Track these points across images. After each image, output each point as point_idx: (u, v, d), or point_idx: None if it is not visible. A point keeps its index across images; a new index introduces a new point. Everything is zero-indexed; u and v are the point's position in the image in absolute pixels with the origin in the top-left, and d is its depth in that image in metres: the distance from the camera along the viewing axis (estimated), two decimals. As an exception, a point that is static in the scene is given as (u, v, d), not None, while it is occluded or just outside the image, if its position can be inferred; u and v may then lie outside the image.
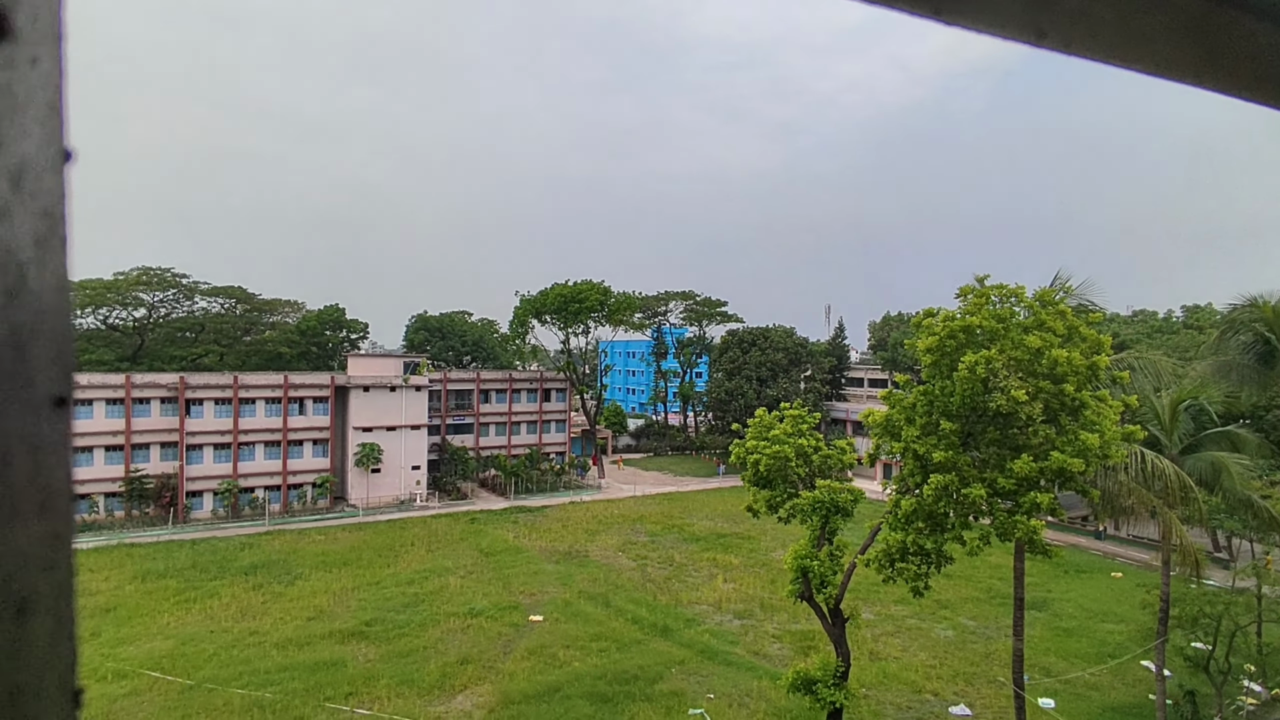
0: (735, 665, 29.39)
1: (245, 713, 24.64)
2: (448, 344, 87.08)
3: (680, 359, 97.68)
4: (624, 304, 72.19)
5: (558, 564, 42.62)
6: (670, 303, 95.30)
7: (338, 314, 78.84)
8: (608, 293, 70.32)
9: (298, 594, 36.56)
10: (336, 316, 78.60)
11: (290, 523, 52.23)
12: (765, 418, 23.62)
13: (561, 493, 64.29)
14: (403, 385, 59.81)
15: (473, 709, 25.36)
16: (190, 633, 31.51)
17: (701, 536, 49.36)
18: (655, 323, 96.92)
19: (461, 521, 52.67)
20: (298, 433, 57.02)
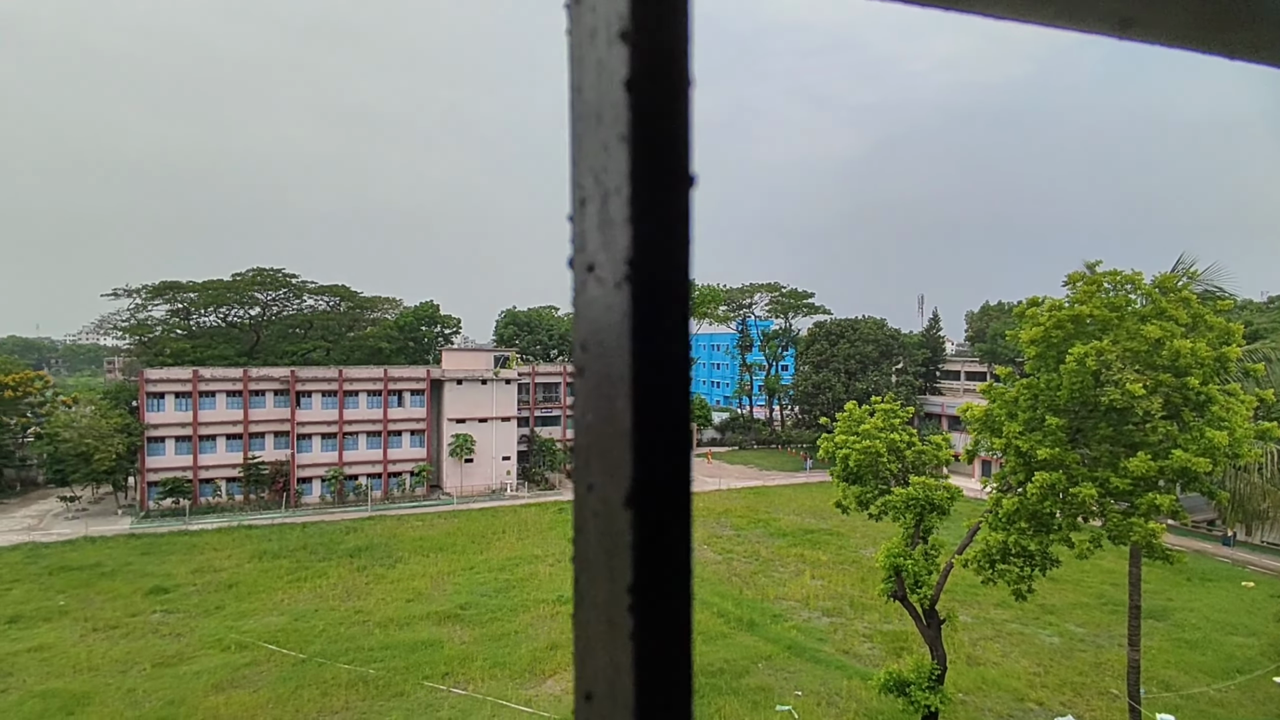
0: (823, 663, 28.84)
1: (351, 687, 26.14)
2: (535, 338, 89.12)
3: (766, 352, 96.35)
4: (708, 297, 71.81)
5: (643, 555, 42.93)
6: (755, 295, 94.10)
7: (432, 310, 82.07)
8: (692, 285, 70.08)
9: (398, 577, 38.42)
10: (431, 313, 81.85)
11: (390, 509, 54.92)
12: (855, 412, 22.99)
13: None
14: (493, 378, 61.70)
15: (561, 694, 25.96)
16: (301, 610, 33.67)
17: (788, 532, 48.64)
18: (740, 315, 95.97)
19: (550, 511, 53.89)
20: (397, 424, 59.82)
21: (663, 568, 0.59)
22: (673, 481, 0.60)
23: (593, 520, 0.63)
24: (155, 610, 33.76)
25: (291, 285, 75.81)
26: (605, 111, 0.61)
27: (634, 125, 0.58)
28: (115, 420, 53.05)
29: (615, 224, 0.61)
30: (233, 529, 48.30)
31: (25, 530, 48.47)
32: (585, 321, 0.64)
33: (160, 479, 53.71)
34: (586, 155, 0.63)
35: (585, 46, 0.63)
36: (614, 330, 0.61)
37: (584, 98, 0.63)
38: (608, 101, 0.60)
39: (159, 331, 74.00)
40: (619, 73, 0.59)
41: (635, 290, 0.59)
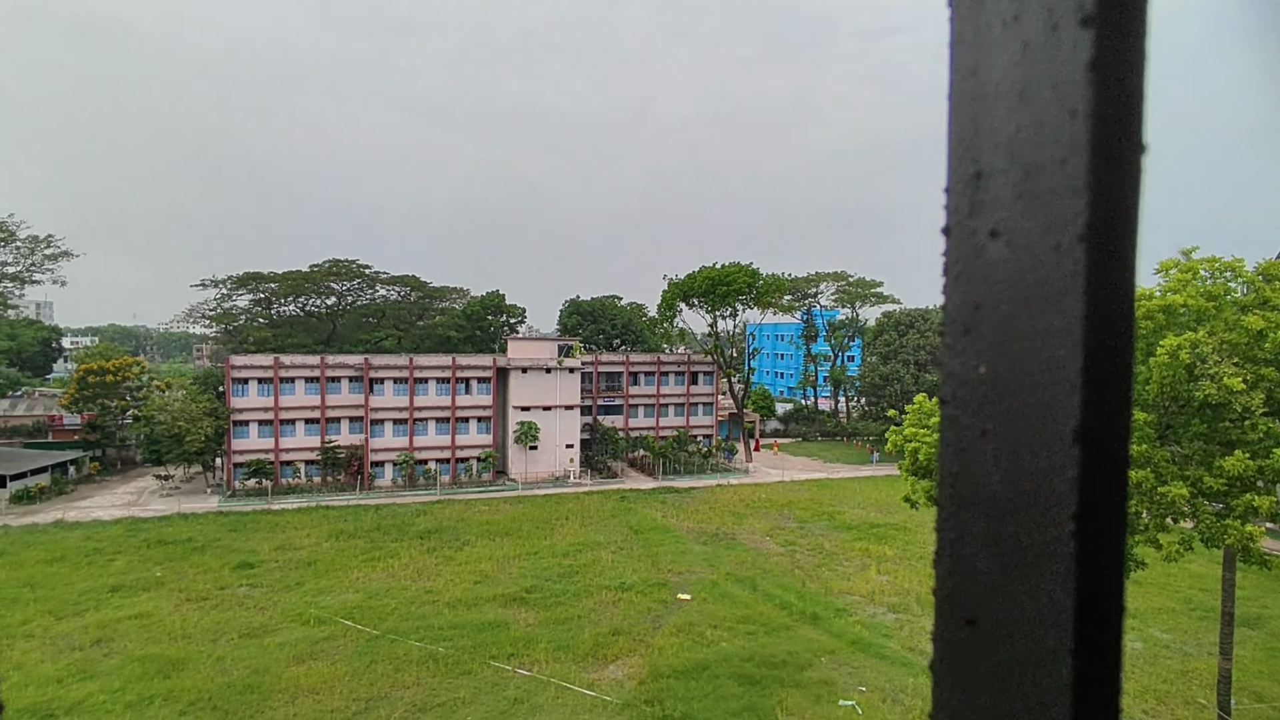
0: (889, 659, 28.34)
1: (421, 664, 27.15)
2: (599, 327, 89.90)
3: (831, 342, 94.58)
4: (773, 286, 70.87)
5: (705, 545, 43.01)
6: (821, 284, 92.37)
7: (498, 300, 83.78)
8: (756, 275, 69.36)
9: (466, 559, 39.60)
10: (497, 302, 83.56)
11: (458, 493, 56.54)
12: (926, 404, 22.40)
13: (708, 475, 64.66)
14: (557, 367, 62.60)
15: (624, 679, 26.34)
16: (375, 588, 35.11)
17: (853, 525, 47.83)
18: (805, 305, 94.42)
19: (612, 499, 54.46)
20: (464, 410, 61.43)
21: (1103, 503, 0.63)
22: (1116, 421, 0.63)
23: (991, 462, 0.70)
24: (241, 584, 35.78)
25: (365, 276, 78.66)
26: (1039, 90, 0.65)
27: (1095, 103, 0.62)
28: (204, 404, 56.28)
29: (1054, 194, 0.64)
30: (311, 509, 50.66)
31: (126, 506, 52.04)
32: (981, 283, 0.68)
33: (245, 460, 56.76)
34: (990, 133, 0.67)
35: (995, 30, 0.67)
36: (1031, 289, 0.65)
37: (989, 77, 0.68)
38: (1045, 80, 0.64)
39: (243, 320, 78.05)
40: (1081, 55, 0.62)
41: (1090, 253, 0.62)
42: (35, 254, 63.70)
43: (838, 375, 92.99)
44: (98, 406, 64.98)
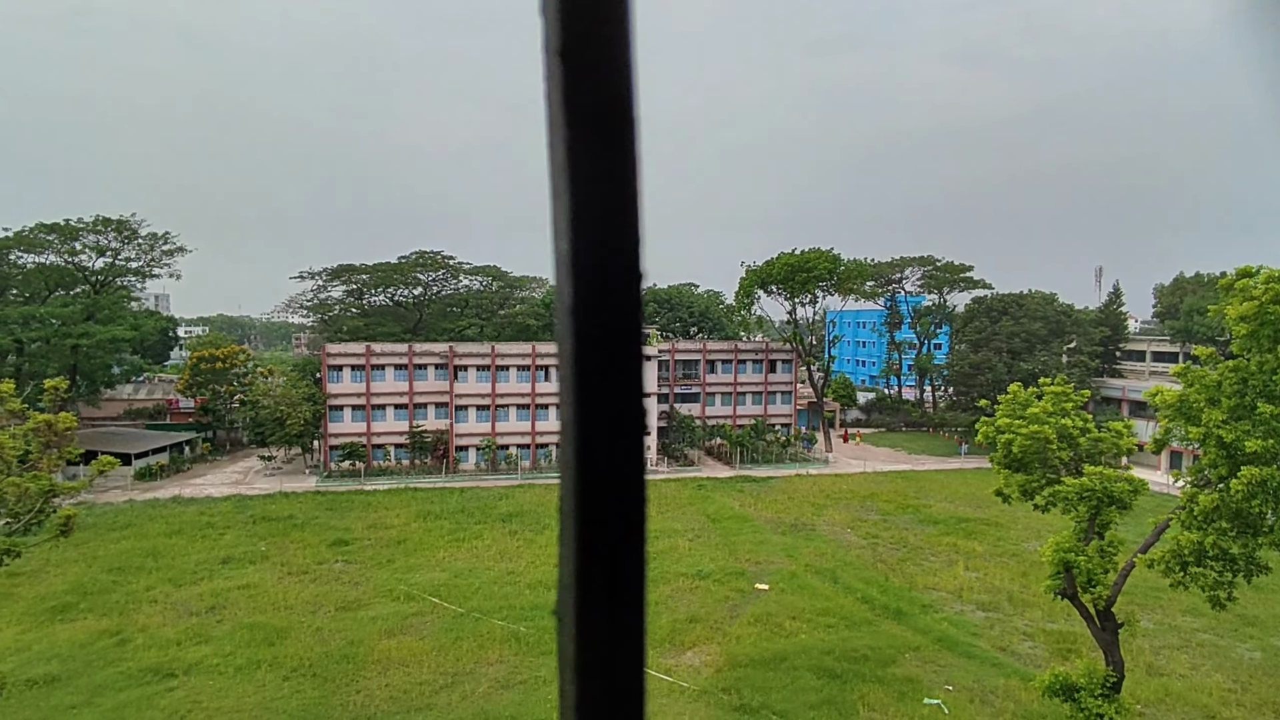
0: (977, 658, 27.28)
1: (505, 642, 27.99)
2: (675, 315, 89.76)
3: (917, 329, 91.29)
4: (854, 272, 68.92)
5: (783, 535, 42.49)
6: (906, 269, 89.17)
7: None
8: (837, 260, 67.59)
9: (546, 542, 40.48)
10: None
11: (538, 478, 57.85)
12: (1020, 394, 21.29)
13: (787, 464, 63.79)
14: (634, 355, 62.88)
15: (701, 666, 26.39)
16: (460, 568, 36.40)
17: (940, 519, 46.19)
18: (889, 291, 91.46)
19: (689, 487, 54.48)
20: (544, 397, 62.64)
21: None
22: None
23: None
24: (337, 560, 37.81)
25: (449, 266, 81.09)
26: None
27: None
28: (303, 390, 59.61)
29: None
30: (400, 490, 52.95)
31: (234, 484, 55.81)
32: None
33: (339, 443, 59.82)
34: None
35: None
36: None
37: None
38: None
39: (337, 310, 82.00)
40: None
41: None
42: (154, 250, 68.69)
43: (923, 364, 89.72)
44: (209, 391, 69.84)
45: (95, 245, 65.35)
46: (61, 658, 26.51)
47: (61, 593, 32.61)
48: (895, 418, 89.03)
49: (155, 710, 23.10)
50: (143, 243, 67.57)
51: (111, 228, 64.87)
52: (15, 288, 63.90)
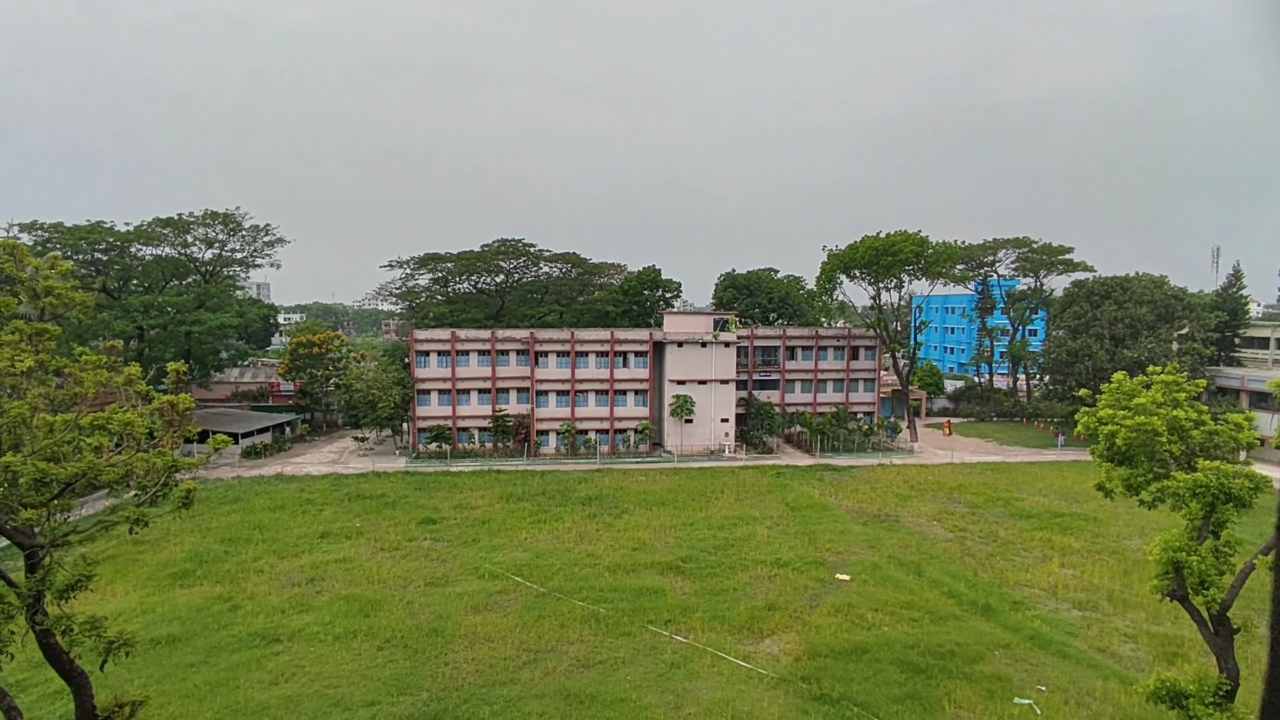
0: (1072, 659, 26.02)
1: (584, 622, 28.63)
2: (754, 301, 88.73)
3: (1010, 314, 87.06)
4: (944, 255, 66.17)
5: (865, 526, 41.58)
6: (999, 251, 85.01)
7: (654, 275, 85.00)
8: (925, 243, 65.06)
9: (624, 526, 41.05)
10: (653, 277, 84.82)
11: (616, 463, 58.58)
12: (1125, 383, 20.03)
13: (869, 454, 62.29)
14: (713, 341, 62.69)
15: (780, 654, 26.24)
16: (541, 548, 37.37)
17: (1033, 514, 44.13)
18: (980, 274, 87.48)
19: (767, 474, 54.00)
20: (622, 383, 63.30)
21: None
22: None
23: None
24: (426, 537, 39.49)
25: (530, 254, 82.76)
26: None
27: None
28: (393, 374, 62.34)
29: None
30: (484, 472, 54.71)
31: (330, 463, 59.02)
32: None
33: (427, 426, 62.29)
34: None
35: None
36: None
37: None
38: None
39: (423, 297, 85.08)
40: None
41: None
42: (257, 241, 73.11)
43: (1017, 350, 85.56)
44: (307, 375, 74.06)
45: (204, 237, 70.15)
46: (181, 620, 28.85)
47: (180, 560, 35.43)
48: (985, 407, 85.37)
49: (263, 672, 24.86)
50: (247, 234, 72.03)
51: (219, 220, 69.44)
52: (136, 278, 69.24)
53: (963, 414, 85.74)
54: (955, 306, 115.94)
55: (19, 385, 13.32)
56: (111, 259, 66.57)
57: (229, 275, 75.62)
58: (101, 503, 41.35)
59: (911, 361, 77.64)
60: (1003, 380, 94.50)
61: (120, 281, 67.51)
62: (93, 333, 54.13)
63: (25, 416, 12.68)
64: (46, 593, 13.81)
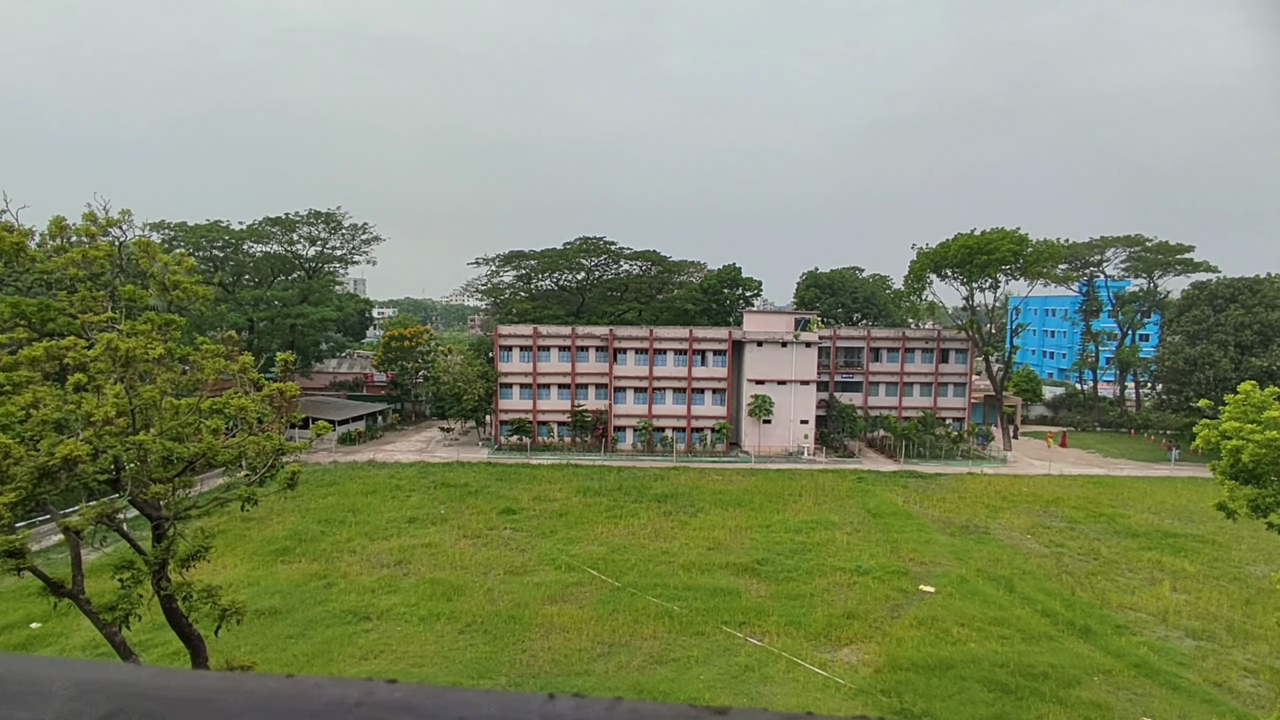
0: (1184, 691, 24.29)
1: (658, 619, 28.81)
2: (838, 300, 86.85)
3: (1119, 318, 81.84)
4: (1044, 253, 62.84)
5: (952, 536, 40.07)
6: (1107, 250, 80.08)
7: (734, 273, 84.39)
8: (1024, 241, 61.95)
9: (699, 525, 41.02)
10: (734, 275, 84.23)
11: (693, 462, 58.56)
12: (1253, 394, 18.55)
13: (958, 462, 59.93)
14: (793, 341, 61.72)
15: (858, 664, 25.65)
16: (617, 543, 37.81)
17: (1140, 532, 41.40)
18: (1085, 274, 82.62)
19: (848, 479, 52.80)
20: (700, 381, 63.20)
21: None
22: None
23: None
24: (506, 527, 40.65)
25: (610, 251, 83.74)
26: None
27: None
28: (477, 368, 64.37)
29: None
30: (562, 466, 55.79)
31: (418, 452, 61.53)
32: None
33: (509, 419, 64.01)
34: None
35: None
36: None
37: None
38: None
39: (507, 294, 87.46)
40: None
41: None
42: (355, 239, 77.10)
43: (1126, 356, 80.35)
44: (398, 367, 77.47)
45: (308, 235, 74.51)
46: (282, 593, 30.78)
47: (282, 538, 37.77)
48: (1088, 416, 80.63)
49: (354, 648, 26.23)
50: (346, 232, 76.05)
51: (321, 219, 73.61)
52: (248, 274, 74.33)
53: (1062, 423, 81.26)
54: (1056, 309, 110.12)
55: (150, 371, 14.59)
56: (227, 255, 71.75)
57: (329, 271, 79.98)
58: (215, 481, 44.55)
59: (1006, 366, 74.17)
60: (1108, 388, 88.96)
61: (234, 277, 72.60)
62: (210, 324, 58.33)
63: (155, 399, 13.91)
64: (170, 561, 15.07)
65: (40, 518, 32.79)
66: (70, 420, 13.27)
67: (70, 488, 13.85)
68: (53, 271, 15.47)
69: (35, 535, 36.23)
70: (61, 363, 13.95)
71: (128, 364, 13.77)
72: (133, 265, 17.17)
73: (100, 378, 13.60)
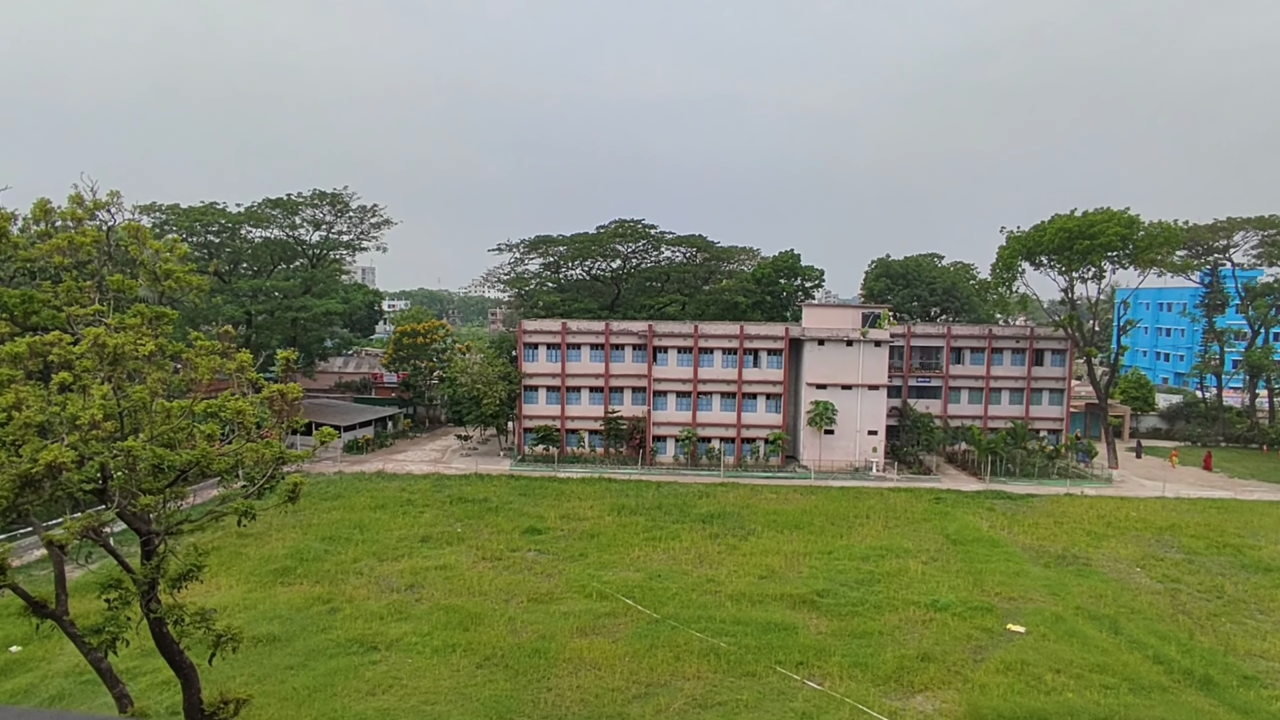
0: (1327, 757, 23.32)
1: (703, 657, 28.73)
2: (912, 292, 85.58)
3: (1249, 313, 78.96)
4: (1159, 238, 60.98)
5: (1046, 568, 39.19)
6: (1235, 234, 77.48)
7: (792, 260, 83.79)
8: (1134, 223, 60.21)
9: (750, 550, 40.81)
10: (791, 263, 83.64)
11: (743, 476, 58.29)
12: None
13: (1054, 480, 58.57)
14: (860, 339, 61.01)
15: (934, 713, 25.22)
16: (656, 569, 37.82)
17: (1273, 567, 39.96)
18: (1207, 262, 79.99)
19: (924, 499, 52.04)
20: (752, 385, 62.91)
21: None
22: None
23: None
24: (530, 549, 40.97)
25: (650, 236, 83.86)
26: None
27: None
28: (499, 368, 65.10)
29: None
30: (593, 480, 56.02)
31: (432, 462, 62.42)
32: None
33: (534, 426, 64.61)
34: None
35: None
36: None
37: None
38: None
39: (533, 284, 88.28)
40: None
41: None
42: (364, 223, 78.73)
43: (1257, 359, 77.42)
44: (410, 366, 78.82)
45: (312, 219, 76.28)
46: (281, 619, 31.50)
47: (282, 557, 38.67)
48: (1211, 429, 78.06)
49: (360, 681, 26.71)
50: (354, 215, 77.66)
51: (326, 201, 75.31)
52: (246, 261, 76.37)
53: (1179, 436, 78.83)
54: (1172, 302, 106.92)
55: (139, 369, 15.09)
56: (223, 241, 73.84)
57: (335, 259, 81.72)
58: (209, 492, 45.84)
59: (1113, 370, 72.24)
60: (1234, 396, 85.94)
61: (231, 265, 74.67)
62: (205, 317, 60.16)
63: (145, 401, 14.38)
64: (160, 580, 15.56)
65: (21, 530, 34.18)
66: (55, 424, 13.78)
67: (54, 498, 14.39)
68: (36, 259, 16.09)
69: (16, 550, 37.76)
70: (46, 360, 14.50)
71: (116, 362, 14.25)
72: (121, 252, 17.77)
73: (86, 377, 14.10)
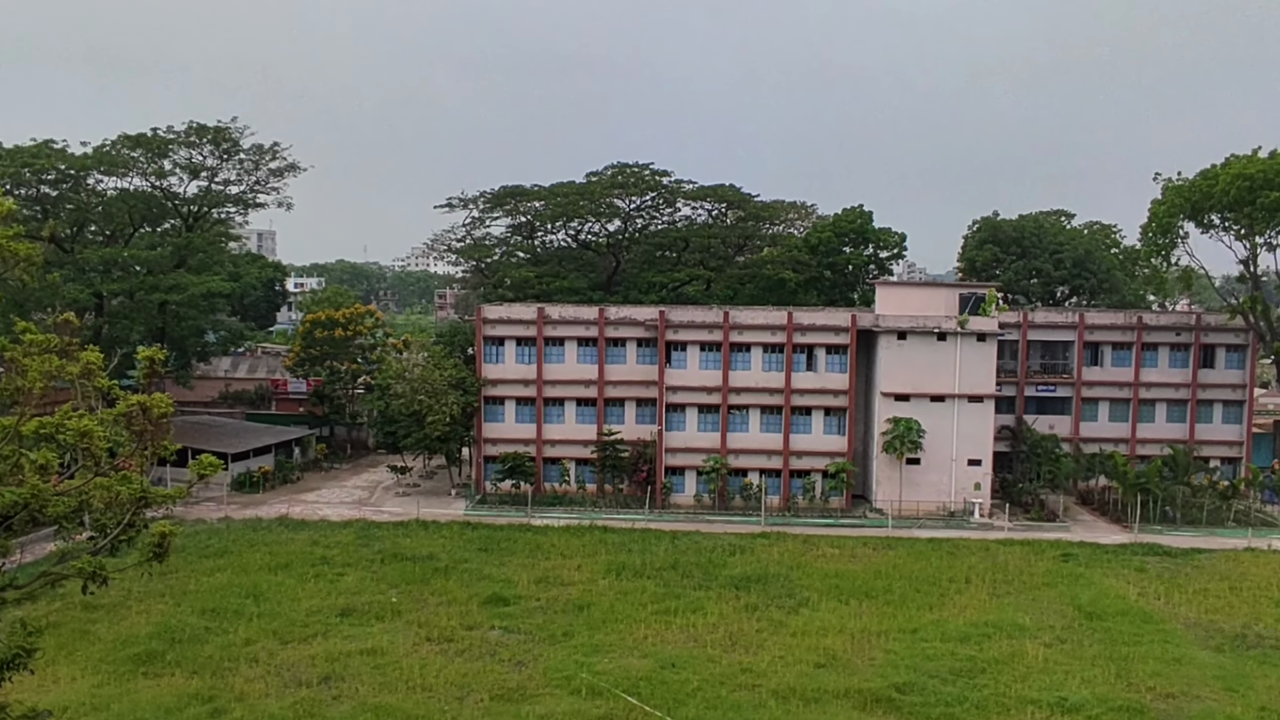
0: None
1: (737, 777, 28.74)
2: (1030, 265, 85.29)
3: None
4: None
5: (1220, 652, 39.19)
6: None
7: (861, 221, 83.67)
8: (1342, 167, 60.09)
9: (803, 627, 40.74)
10: (859, 225, 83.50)
11: (793, 523, 58.20)
12: None
13: (1230, 530, 58.52)
14: (958, 331, 60.87)
15: None
16: (671, 654, 37.79)
17: None
18: None
19: (1046, 556, 51.94)
20: (804, 396, 62.79)
21: None
22: None
23: None
24: (494, 625, 40.98)
25: (661, 187, 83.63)
26: None
27: None
28: (449, 372, 65.05)
29: None
30: (583, 529, 55.98)
31: (356, 504, 62.50)
32: None
33: (498, 452, 64.54)
34: None
35: None
36: None
37: None
38: None
39: (498, 255, 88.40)
40: None
41: None
42: (259, 168, 78.71)
43: None
44: (325, 370, 78.78)
45: (187, 163, 76.01)
46: (146, 724, 31.53)
47: (145, 637, 38.74)
48: None
49: (256, 811, 26.75)
50: (245, 158, 77.58)
51: (207, 137, 75.06)
52: (95, 222, 76.10)
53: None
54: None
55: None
56: (63, 194, 73.60)
57: (220, 219, 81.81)
58: (44, 546, 45.93)
59: (1313, 373, 72.06)
60: None
61: (74, 227, 74.57)
62: (38, 301, 60.07)
63: (-48, 419, 14.33)
64: (-27, 671, 15.53)
65: None
66: None
67: None
68: None
69: None
70: None
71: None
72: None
73: None
